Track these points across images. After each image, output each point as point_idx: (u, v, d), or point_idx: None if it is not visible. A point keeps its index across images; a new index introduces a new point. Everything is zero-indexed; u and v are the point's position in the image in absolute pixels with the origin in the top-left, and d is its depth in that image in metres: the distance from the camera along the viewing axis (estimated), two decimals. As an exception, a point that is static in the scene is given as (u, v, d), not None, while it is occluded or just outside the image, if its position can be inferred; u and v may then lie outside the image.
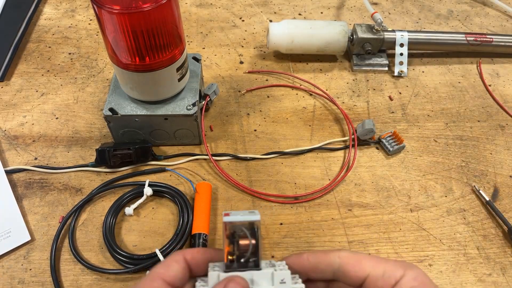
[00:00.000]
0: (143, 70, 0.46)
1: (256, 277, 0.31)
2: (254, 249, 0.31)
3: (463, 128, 0.59)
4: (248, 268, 0.31)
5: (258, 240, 0.30)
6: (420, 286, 0.28)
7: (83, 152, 0.54)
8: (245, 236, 0.30)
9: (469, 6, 0.80)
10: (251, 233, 0.30)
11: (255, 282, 0.31)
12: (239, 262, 0.31)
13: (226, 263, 0.30)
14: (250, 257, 0.31)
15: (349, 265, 0.30)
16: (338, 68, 0.67)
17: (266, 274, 0.31)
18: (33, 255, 0.45)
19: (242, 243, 0.30)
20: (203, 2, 0.78)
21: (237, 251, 0.31)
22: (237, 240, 0.30)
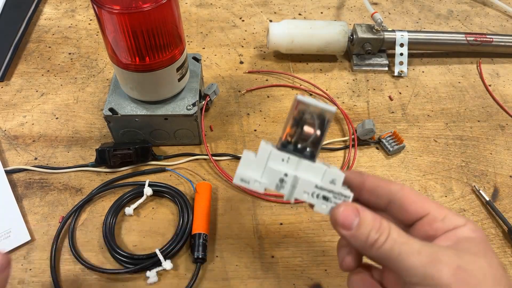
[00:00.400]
0: (143, 70, 0.46)
1: (307, 168, 0.29)
2: (316, 140, 0.29)
3: (463, 128, 0.59)
4: (303, 156, 0.29)
5: (324, 133, 0.29)
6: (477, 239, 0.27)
7: (83, 152, 0.54)
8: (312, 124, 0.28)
9: (469, 6, 0.80)
10: (319, 123, 0.29)
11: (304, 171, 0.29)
12: (296, 146, 0.29)
13: (282, 141, 0.29)
14: (308, 146, 0.29)
15: (410, 199, 0.29)
16: (338, 68, 0.67)
17: (318, 168, 0.29)
18: (33, 255, 0.45)
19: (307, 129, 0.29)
20: (203, 2, 0.78)
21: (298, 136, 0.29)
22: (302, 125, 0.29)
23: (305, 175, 0.29)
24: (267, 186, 0.30)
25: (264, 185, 0.30)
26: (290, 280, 0.44)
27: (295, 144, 0.29)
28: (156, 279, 0.43)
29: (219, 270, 0.45)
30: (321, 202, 0.30)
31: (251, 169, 0.30)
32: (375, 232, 0.27)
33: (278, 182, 0.30)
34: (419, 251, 0.26)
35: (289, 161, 0.29)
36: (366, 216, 0.27)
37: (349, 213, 0.28)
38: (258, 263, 0.45)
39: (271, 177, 0.30)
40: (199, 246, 0.44)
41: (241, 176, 0.30)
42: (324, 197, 0.30)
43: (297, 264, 0.45)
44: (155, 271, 0.43)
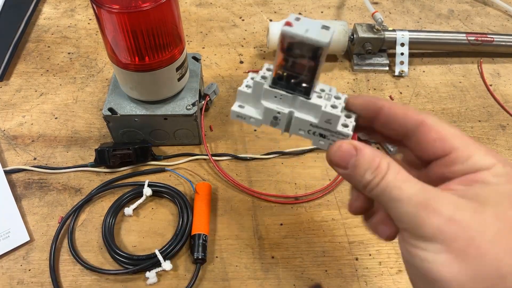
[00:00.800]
0: (143, 70, 0.46)
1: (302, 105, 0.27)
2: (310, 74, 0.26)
3: (464, 128, 0.59)
4: (296, 92, 0.27)
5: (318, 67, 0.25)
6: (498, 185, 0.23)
7: (83, 152, 0.54)
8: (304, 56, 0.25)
9: (470, 5, 0.80)
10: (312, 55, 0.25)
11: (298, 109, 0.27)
12: (289, 82, 0.27)
13: (273, 77, 0.27)
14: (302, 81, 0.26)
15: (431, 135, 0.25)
16: (338, 68, 0.67)
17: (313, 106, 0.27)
18: (32, 255, 0.45)
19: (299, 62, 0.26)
20: (203, 2, 0.78)
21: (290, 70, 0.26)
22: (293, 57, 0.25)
23: (299, 114, 0.28)
24: (262, 123, 0.29)
25: (260, 121, 0.29)
26: (290, 281, 0.44)
27: (288, 79, 0.27)
28: (155, 279, 0.43)
29: (219, 271, 0.44)
30: (318, 139, 0.28)
31: (247, 103, 0.29)
32: (370, 172, 0.25)
33: (273, 120, 0.29)
34: (410, 197, 0.23)
35: (283, 97, 0.28)
36: (364, 156, 0.25)
37: (346, 152, 0.26)
38: (258, 264, 0.45)
39: (266, 114, 0.28)
40: (198, 247, 0.44)
41: (237, 113, 0.29)
42: (321, 134, 0.28)
43: (297, 265, 0.45)
44: (154, 272, 0.43)
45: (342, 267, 0.45)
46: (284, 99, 0.28)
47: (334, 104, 0.27)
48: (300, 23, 0.25)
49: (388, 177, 0.24)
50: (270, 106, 0.28)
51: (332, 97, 0.28)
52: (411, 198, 0.23)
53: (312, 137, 0.28)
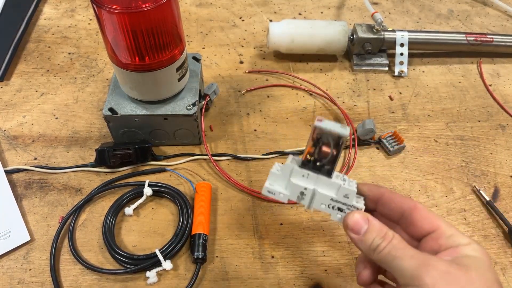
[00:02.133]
0: (143, 70, 0.46)
1: (324, 183, 0.34)
2: (332, 159, 0.33)
3: (463, 128, 0.59)
4: (321, 172, 0.34)
5: (339, 153, 0.33)
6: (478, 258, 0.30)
7: (83, 152, 0.54)
8: (329, 145, 0.33)
9: (469, 6, 0.80)
10: (335, 144, 0.32)
11: (321, 187, 0.34)
12: (315, 164, 0.34)
13: (303, 160, 0.34)
14: (326, 164, 0.34)
15: (420, 216, 0.33)
16: (338, 68, 0.67)
17: (334, 184, 0.34)
18: (33, 255, 0.45)
19: (324, 149, 0.33)
20: (203, 2, 0.78)
21: (316, 155, 0.33)
22: (320, 146, 0.33)
23: (322, 190, 0.34)
24: (290, 198, 0.35)
25: (288, 196, 0.35)
26: (290, 280, 0.44)
27: (314, 162, 0.34)
28: (156, 279, 0.43)
29: (219, 270, 0.45)
30: (336, 212, 0.35)
31: (276, 182, 0.35)
32: (379, 238, 0.31)
33: (299, 195, 0.35)
34: (412, 256, 0.29)
35: (309, 177, 0.34)
36: (374, 225, 0.32)
37: (360, 220, 0.32)
38: (258, 263, 0.45)
39: (293, 190, 0.35)
40: (199, 246, 0.44)
41: (268, 189, 0.35)
42: (339, 208, 0.34)
43: (297, 264, 0.45)
44: (155, 271, 0.43)
45: (342, 266, 0.45)
46: (309, 178, 0.34)
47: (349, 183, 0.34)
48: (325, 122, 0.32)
49: (393, 242, 0.30)
50: (298, 183, 0.34)
51: (347, 180, 0.35)
52: (413, 256, 0.29)
53: (331, 211, 0.35)
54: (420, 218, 0.33)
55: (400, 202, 0.34)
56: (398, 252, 0.30)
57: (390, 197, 0.35)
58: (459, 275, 0.28)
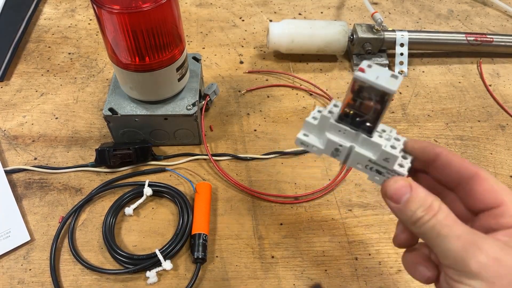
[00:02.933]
0: (143, 70, 0.46)
1: (363, 142, 0.30)
2: (375, 116, 0.29)
3: (463, 128, 0.59)
4: (360, 129, 0.30)
5: (383, 110, 0.28)
6: None
7: (83, 152, 0.54)
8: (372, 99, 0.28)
9: (469, 6, 0.80)
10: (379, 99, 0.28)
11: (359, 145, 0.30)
12: (354, 119, 0.29)
13: (340, 113, 0.30)
14: (367, 121, 0.29)
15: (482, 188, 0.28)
16: (338, 68, 0.67)
17: (374, 144, 0.29)
18: (33, 255, 0.45)
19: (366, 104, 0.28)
20: (203, 2, 0.78)
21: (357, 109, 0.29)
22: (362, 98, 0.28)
23: (359, 149, 0.30)
24: (324, 153, 0.31)
25: (321, 151, 0.31)
26: (290, 280, 0.44)
27: (354, 117, 0.29)
28: (156, 279, 0.43)
29: (219, 270, 0.45)
30: (374, 174, 0.30)
31: (311, 133, 0.31)
32: (422, 210, 0.26)
33: (334, 151, 0.31)
34: (459, 236, 0.25)
35: (346, 132, 0.30)
36: (417, 194, 0.27)
37: (401, 188, 0.28)
38: (258, 263, 0.45)
39: (328, 144, 0.31)
40: (199, 246, 0.44)
41: (301, 140, 0.31)
42: (377, 171, 0.30)
43: (297, 264, 0.45)
44: (155, 271, 0.43)
45: (342, 266, 0.45)
46: (347, 134, 0.30)
47: (393, 144, 0.30)
48: (371, 70, 0.27)
49: (438, 216, 0.26)
50: (334, 139, 0.30)
51: (392, 138, 0.30)
52: (460, 236, 0.25)
53: (369, 172, 0.31)
54: (482, 190, 0.28)
55: (459, 168, 0.29)
56: (444, 229, 0.25)
57: (447, 160, 0.29)
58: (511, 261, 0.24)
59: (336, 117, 0.30)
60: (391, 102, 0.62)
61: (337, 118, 0.30)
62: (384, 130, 0.31)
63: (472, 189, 0.28)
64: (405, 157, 0.30)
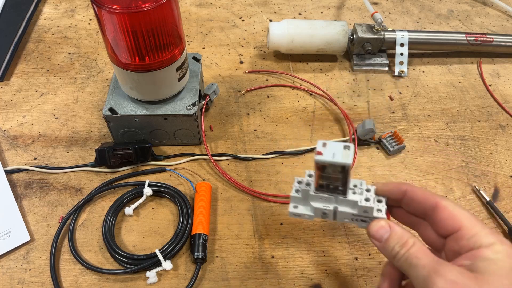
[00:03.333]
0: (143, 70, 0.46)
1: (342, 202, 0.35)
2: (343, 181, 0.34)
3: (463, 128, 0.59)
4: (336, 193, 0.35)
5: (347, 176, 0.33)
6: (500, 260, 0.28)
7: (83, 152, 0.54)
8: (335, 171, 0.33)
9: (469, 6, 0.80)
10: (341, 170, 0.33)
11: (340, 205, 0.36)
12: (329, 187, 0.35)
13: (315, 187, 0.35)
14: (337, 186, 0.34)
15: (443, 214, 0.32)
16: (338, 68, 0.67)
17: (351, 202, 0.35)
18: (33, 255, 0.45)
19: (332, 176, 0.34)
20: (203, 2, 0.78)
21: (327, 181, 0.34)
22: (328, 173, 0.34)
23: (342, 208, 0.36)
24: (315, 217, 0.37)
25: (312, 217, 0.37)
26: (290, 280, 0.44)
27: (328, 185, 0.35)
28: (156, 279, 0.43)
29: (219, 271, 0.45)
30: (361, 223, 0.36)
31: (299, 204, 0.37)
32: (398, 245, 0.31)
33: (322, 214, 0.37)
34: (425, 265, 0.29)
35: (327, 198, 0.36)
36: (395, 232, 0.32)
37: (381, 228, 0.33)
38: (258, 263, 0.45)
39: (316, 211, 0.37)
40: (199, 246, 0.44)
41: (294, 212, 0.37)
42: (362, 220, 0.36)
43: (297, 264, 0.45)
44: (155, 272, 0.43)
45: (342, 266, 0.45)
46: (327, 199, 0.36)
47: (367, 197, 0.35)
48: (327, 149, 0.33)
49: (411, 250, 0.31)
50: (318, 206, 0.36)
51: (364, 191, 0.35)
52: (425, 265, 0.29)
53: (356, 222, 0.36)
54: (442, 218, 0.32)
55: (422, 200, 0.33)
56: (413, 260, 0.30)
57: (412, 196, 0.34)
58: (467, 284, 0.27)
59: (314, 189, 0.36)
60: (394, 101, 0.62)
61: (315, 190, 0.36)
62: (355, 185, 0.36)
63: (435, 218, 0.32)
64: (380, 201, 0.35)
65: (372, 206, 0.34)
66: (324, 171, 0.34)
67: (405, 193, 0.34)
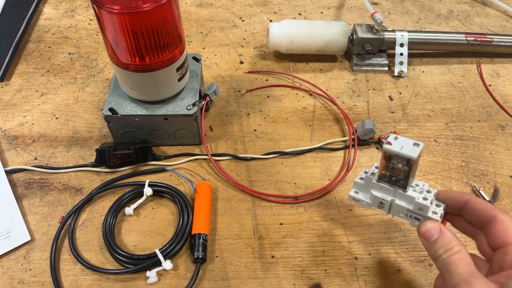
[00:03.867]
0: (143, 70, 0.46)
1: (400, 195, 0.37)
2: (405, 175, 0.36)
3: (463, 128, 0.59)
4: (396, 186, 0.37)
5: (411, 170, 0.35)
6: None
7: (83, 152, 0.54)
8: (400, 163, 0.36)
9: (469, 6, 0.80)
10: (406, 163, 0.35)
11: (398, 199, 0.38)
12: (391, 178, 0.37)
13: (379, 175, 0.38)
14: (400, 179, 0.37)
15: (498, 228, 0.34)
16: (338, 68, 0.67)
17: (409, 197, 0.37)
18: (33, 255, 0.45)
19: (396, 167, 0.36)
20: (203, 2, 0.78)
21: (390, 171, 0.37)
22: (393, 163, 0.36)
23: (399, 201, 0.38)
24: (371, 206, 0.40)
25: (370, 204, 0.40)
26: (290, 280, 0.44)
27: (390, 177, 0.37)
28: (156, 279, 0.43)
29: (219, 270, 0.45)
30: (414, 221, 0.38)
31: (360, 190, 0.40)
32: (443, 250, 0.33)
33: (379, 204, 0.39)
34: (459, 273, 0.31)
35: (386, 189, 0.38)
36: (445, 236, 0.34)
37: (431, 229, 0.35)
38: (258, 263, 0.45)
39: (374, 199, 0.39)
40: (199, 246, 0.44)
41: (353, 196, 0.40)
42: (415, 217, 0.37)
43: (297, 264, 0.45)
44: (155, 271, 0.43)
45: (342, 266, 0.45)
46: (387, 190, 0.38)
47: (425, 196, 0.37)
48: (397, 142, 0.35)
49: (452, 257, 0.32)
50: (377, 194, 0.39)
51: (424, 191, 0.37)
52: (459, 274, 0.31)
53: (409, 219, 0.38)
54: (496, 231, 0.33)
55: (481, 212, 0.35)
56: (451, 267, 0.32)
57: (473, 206, 0.36)
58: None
59: (377, 178, 0.38)
60: (393, 101, 0.62)
61: (378, 179, 0.38)
62: (418, 184, 0.38)
63: (490, 229, 0.34)
64: (439, 205, 0.37)
65: (427, 205, 0.36)
66: (390, 161, 0.36)
67: (467, 203, 0.36)
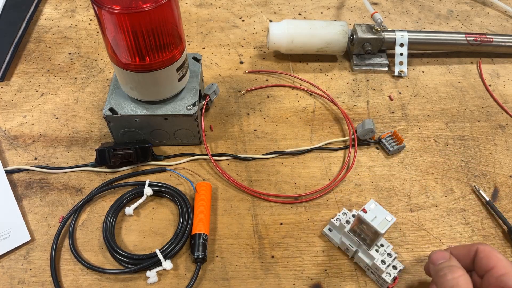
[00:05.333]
0: (143, 70, 0.46)
1: (364, 250, 0.43)
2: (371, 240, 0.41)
3: (463, 128, 0.59)
4: (362, 242, 0.42)
5: (376, 239, 0.41)
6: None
7: (83, 152, 0.54)
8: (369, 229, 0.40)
9: (469, 6, 0.80)
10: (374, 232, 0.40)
11: (361, 251, 0.43)
12: (360, 235, 0.42)
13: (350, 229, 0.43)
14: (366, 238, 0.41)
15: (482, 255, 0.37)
16: (338, 68, 0.67)
17: (371, 255, 0.42)
18: (33, 255, 0.45)
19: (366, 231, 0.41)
20: (203, 2, 0.78)
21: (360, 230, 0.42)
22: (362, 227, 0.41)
23: (361, 255, 0.43)
24: (339, 246, 0.46)
25: (338, 244, 0.46)
26: (289, 280, 0.44)
27: (359, 234, 0.42)
28: (156, 279, 0.43)
29: (219, 270, 0.45)
30: (369, 273, 0.44)
31: (334, 230, 0.46)
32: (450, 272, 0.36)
33: (345, 248, 0.45)
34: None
35: (354, 241, 0.43)
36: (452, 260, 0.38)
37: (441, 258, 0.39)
38: (258, 263, 0.45)
39: (342, 243, 0.45)
40: (199, 246, 0.44)
41: (326, 233, 0.46)
42: (371, 272, 0.43)
43: (297, 264, 0.45)
44: (155, 271, 0.43)
45: (342, 266, 0.45)
46: (354, 242, 0.43)
47: (384, 259, 0.42)
48: (373, 211, 0.39)
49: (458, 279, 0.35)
50: (345, 241, 0.44)
51: (386, 254, 0.42)
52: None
53: (367, 270, 0.44)
54: (478, 260, 0.37)
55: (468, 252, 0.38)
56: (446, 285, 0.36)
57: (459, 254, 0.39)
58: None
59: (349, 228, 0.43)
60: (393, 102, 0.62)
61: (349, 229, 0.43)
62: (383, 245, 0.43)
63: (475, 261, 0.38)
64: (395, 267, 0.42)
65: (383, 270, 0.41)
66: (361, 224, 0.41)
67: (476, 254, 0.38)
